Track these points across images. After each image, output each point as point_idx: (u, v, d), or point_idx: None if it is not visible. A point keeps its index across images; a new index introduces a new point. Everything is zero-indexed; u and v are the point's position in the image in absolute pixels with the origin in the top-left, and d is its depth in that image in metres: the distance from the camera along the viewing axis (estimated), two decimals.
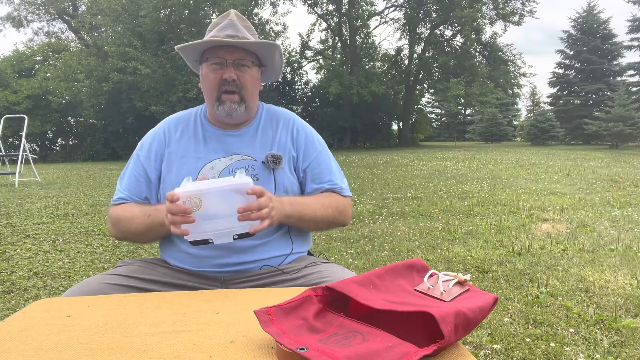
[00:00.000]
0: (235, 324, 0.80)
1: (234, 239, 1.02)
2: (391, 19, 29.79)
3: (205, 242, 1.01)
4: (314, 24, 28.95)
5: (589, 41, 28.15)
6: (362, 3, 27.42)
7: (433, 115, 47.47)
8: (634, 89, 26.94)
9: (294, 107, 28.36)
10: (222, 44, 1.21)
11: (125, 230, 1.23)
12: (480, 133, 36.05)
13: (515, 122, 43.86)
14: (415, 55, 28.45)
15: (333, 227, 1.32)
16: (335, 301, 0.77)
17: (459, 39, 27.27)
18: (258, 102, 1.36)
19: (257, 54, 1.28)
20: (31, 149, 17.48)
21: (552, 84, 30.77)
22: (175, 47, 1.28)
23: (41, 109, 21.77)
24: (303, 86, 29.76)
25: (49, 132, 23.91)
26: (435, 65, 27.27)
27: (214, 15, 21.12)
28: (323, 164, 1.33)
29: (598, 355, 1.90)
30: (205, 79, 1.26)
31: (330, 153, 1.39)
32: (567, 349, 1.97)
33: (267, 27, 24.23)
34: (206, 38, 1.25)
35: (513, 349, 1.99)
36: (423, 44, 28.12)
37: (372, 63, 29.05)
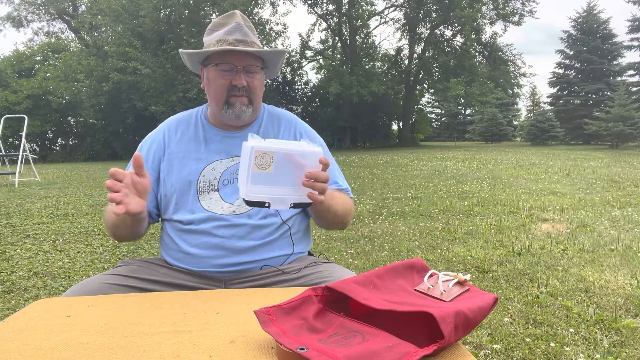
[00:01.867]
0: (235, 324, 0.80)
1: (290, 207, 0.99)
2: (391, 19, 29.92)
3: (261, 204, 0.96)
4: (314, 24, 28.98)
5: (589, 41, 28.14)
6: (362, 3, 27.43)
7: (433, 115, 47.52)
8: (634, 89, 26.92)
9: (294, 107, 28.38)
10: (237, 52, 1.20)
11: (107, 223, 1.22)
12: (480, 133, 36.07)
13: (515, 122, 43.90)
14: (415, 55, 28.46)
15: (338, 227, 1.31)
16: (335, 301, 0.77)
17: (459, 39, 27.29)
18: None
19: (264, 58, 1.28)
20: (31, 149, 17.51)
21: (552, 84, 30.78)
22: (184, 51, 1.25)
23: (41, 109, 21.78)
24: (303, 86, 29.81)
25: (49, 132, 23.92)
26: (435, 65, 27.27)
27: (214, 15, 21.11)
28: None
29: (598, 355, 1.90)
30: (212, 83, 1.24)
31: (331, 155, 1.39)
32: (567, 349, 1.97)
33: (267, 27, 24.23)
34: (211, 40, 1.23)
35: (513, 349, 1.99)
36: (423, 44, 28.13)
37: (372, 63, 29.07)
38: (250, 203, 0.96)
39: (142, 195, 1.03)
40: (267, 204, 0.96)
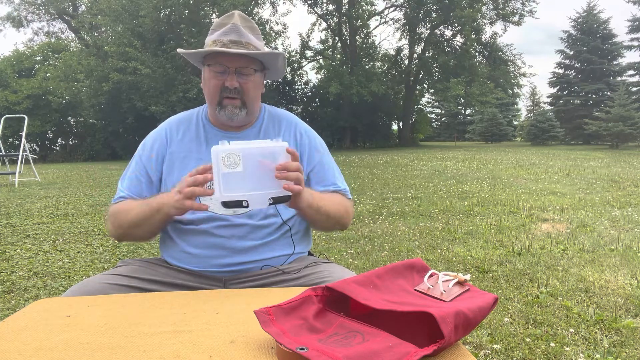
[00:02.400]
0: (235, 324, 0.80)
1: (269, 204, 1.00)
2: (391, 19, 29.84)
3: (239, 204, 0.97)
4: (314, 24, 28.98)
5: (589, 41, 28.14)
6: (362, 3, 27.42)
7: (433, 115, 47.52)
8: (634, 89, 26.92)
9: (294, 107, 28.37)
10: (223, 53, 1.20)
11: (122, 221, 1.20)
12: (480, 133, 36.07)
13: (515, 122, 43.89)
14: (415, 55, 28.46)
15: (336, 228, 1.31)
16: (335, 301, 0.77)
17: (459, 39, 27.29)
18: (260, 104, 1.36)
19: (260, 59, 1.28)
20: (31, 149, 17.48)
21: (552, 84, 30.77)
22: (179, 50, 1.27)
23: (41, 109, 21.77)
24: (303, 86, 29.80)
25: (49, 132, 23.91)
26: (435, 65, 27.27)
27: (214, 15, 21.12)
28: (327, 167, 1.34)
29: (598, 355, 1.90)
30: (206, 84, 1.25)
31: (331, 156, 1.39)
32: (567, 349, 1.97)
33: (267, 27, 24.23)
34: (209, 40, 1.24)
35: (513, 349, 1.99)
36: (423, 44, 28.13)
37: (372, 63, 29.07)
38: (227, 204, 0.97)
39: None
40: (244, 203, 0.97)
